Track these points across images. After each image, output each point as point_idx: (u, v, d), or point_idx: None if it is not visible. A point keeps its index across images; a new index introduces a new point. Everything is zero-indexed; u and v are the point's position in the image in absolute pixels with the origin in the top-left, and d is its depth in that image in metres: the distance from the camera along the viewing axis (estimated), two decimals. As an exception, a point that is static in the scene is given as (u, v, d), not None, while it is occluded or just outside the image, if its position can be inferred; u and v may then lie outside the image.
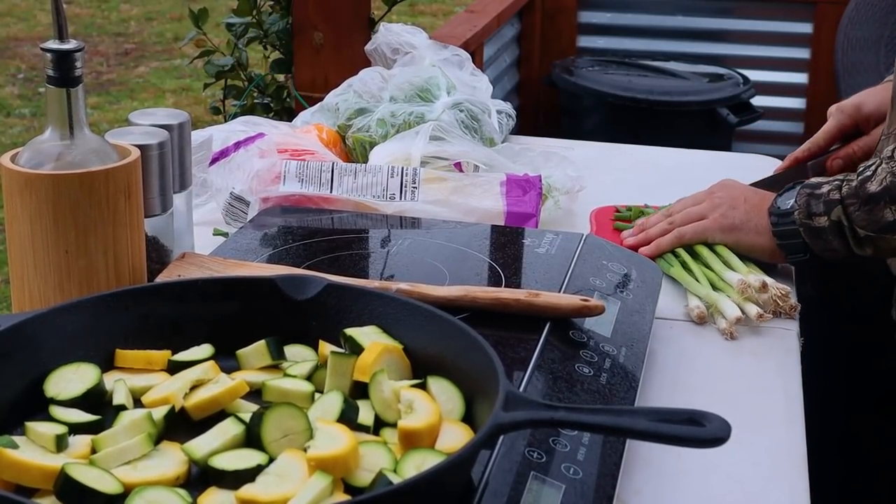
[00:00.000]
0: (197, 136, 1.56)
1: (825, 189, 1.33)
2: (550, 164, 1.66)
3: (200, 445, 0.84)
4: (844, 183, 1.31)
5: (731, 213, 1.40)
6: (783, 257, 1.37)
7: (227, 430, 0.85)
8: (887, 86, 1.57)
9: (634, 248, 1.44)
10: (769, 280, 1.31)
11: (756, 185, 1.52)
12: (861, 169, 1.31)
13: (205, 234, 1.44)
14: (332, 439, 0.81)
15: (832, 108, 1.59)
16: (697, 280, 1.35)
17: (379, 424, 0.89)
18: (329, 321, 0.99)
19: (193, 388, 0.92)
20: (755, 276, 1.32)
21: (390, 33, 1.94)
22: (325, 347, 0.97)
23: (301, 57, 2.65)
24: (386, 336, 0.96)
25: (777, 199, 1.37)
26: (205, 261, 1.17)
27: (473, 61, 1.94)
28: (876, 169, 1.29)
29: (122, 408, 0.90)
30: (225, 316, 1.00)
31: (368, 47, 1.97)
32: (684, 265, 1.39)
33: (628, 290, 1.24)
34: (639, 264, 1.31)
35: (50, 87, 1.06)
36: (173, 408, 0.89)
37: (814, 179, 1.37)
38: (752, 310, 1.28)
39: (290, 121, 1.88)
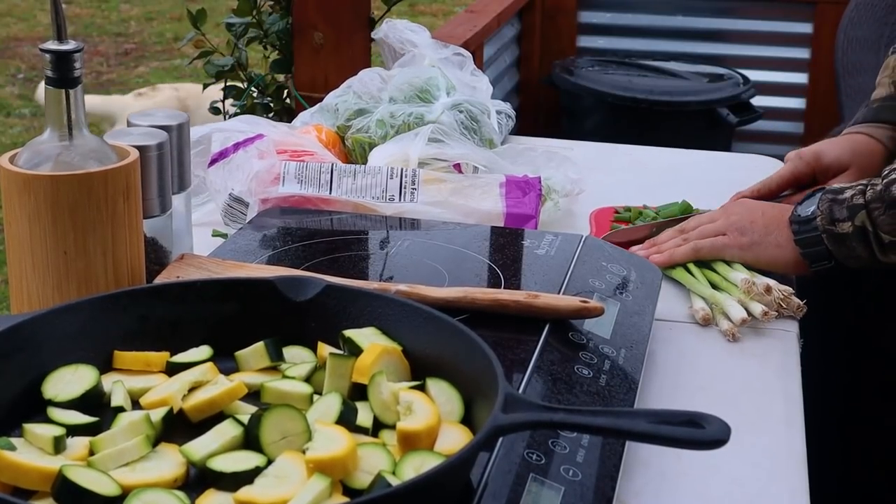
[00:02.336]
0: (195, 132, 1.56)
1: (848, 194, 1.29)
2: (550, 166, 1.65)
3: (199, 447, 0.84)
4: (869, 187, 1.28)
5: (748, 228, 1.36)
6: (807, 267, 1.33)
7: (226, 431, 0.85)
8: (849, 137, 1.54)
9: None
10: (772, 282, 1.30)
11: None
12: (886, 172, 1.28)
13: (204, 235, 1.44)
14: (331, 441, 0.81)
15: (791, 154, 1.55)
16: (698, 280, 1.34)
17: (378, 426, 0.89)
18: (328, 322, 0.99)
19: (192, 389, 0.92)
20: (759, 279, 1.31)
21: (393, 30, 1.94)
22: (324, 349, 0.97)
23: (301, 57, 2.64)
24: (385, 337, 0.96)
25: (797, 207, 1.34)
26: (203, 262, 1.17)
27: (473, 61, 1.94)
28: None
29: (121, 409, 0.90)
30: (224, 317, 1.00)
31: (376, 35, 1.97)
32: (685, 267, 1.38)
33: (628, 291, 1.23)
34: (638, 266, 1.31)
35: (49, 88, 1.05)
36: (171, 409, 0.89)
37: (835, 185, 1.34)
38: (757, 308, 1.27)
39: (290, 121, 1.87)
